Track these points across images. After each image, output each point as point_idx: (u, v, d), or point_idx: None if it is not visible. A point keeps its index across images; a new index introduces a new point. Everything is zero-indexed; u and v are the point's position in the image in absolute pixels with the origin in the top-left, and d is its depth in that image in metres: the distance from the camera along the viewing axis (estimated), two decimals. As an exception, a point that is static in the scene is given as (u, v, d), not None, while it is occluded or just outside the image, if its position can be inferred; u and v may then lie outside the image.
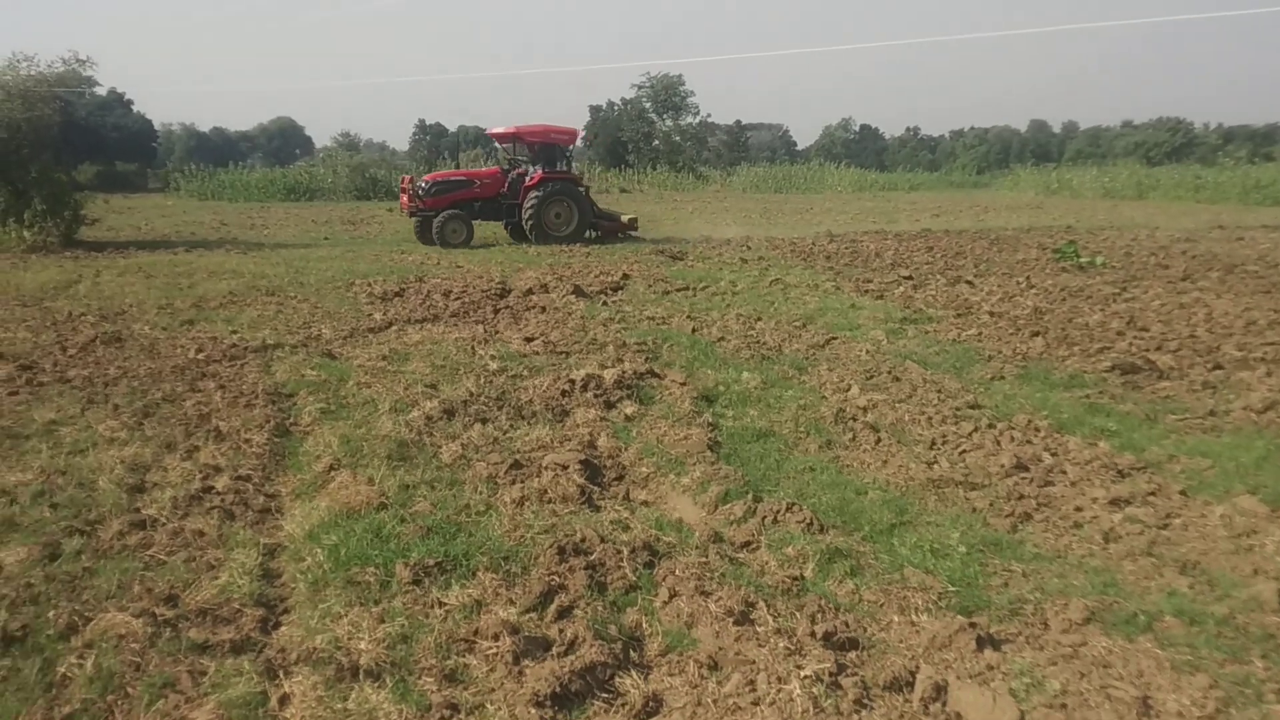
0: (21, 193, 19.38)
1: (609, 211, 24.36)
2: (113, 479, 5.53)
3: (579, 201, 22.29)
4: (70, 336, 9.81)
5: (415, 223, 22.17)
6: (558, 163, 22.69)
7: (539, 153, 22.54)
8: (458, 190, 21.93)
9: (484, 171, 23.48)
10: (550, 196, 21.70)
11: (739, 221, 30.48)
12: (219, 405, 7.21)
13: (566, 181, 22.36)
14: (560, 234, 21.84)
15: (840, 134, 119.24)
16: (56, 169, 20.44)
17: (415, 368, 8.50)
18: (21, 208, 19.41)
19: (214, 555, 4.54)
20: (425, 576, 4.20)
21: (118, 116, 76.71)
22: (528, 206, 21.54)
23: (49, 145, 20.31)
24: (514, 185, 22.04)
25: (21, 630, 3.71)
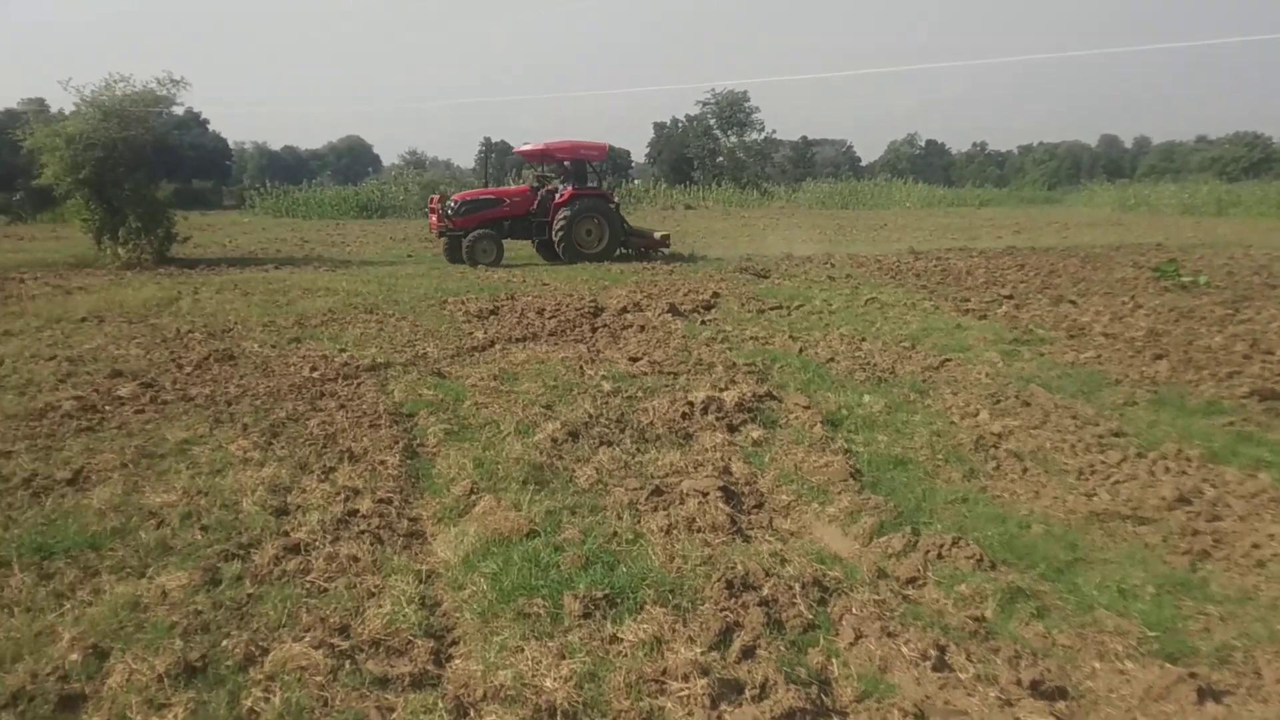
0: (116, 210, 19.84)
1: (640, 229, 24.05)
2: (255, 501, 5.50)
3: (610, 218, 21.93)
4: (183, 354, 9.92)
5: (444, 243, 21.88)
6: (588, 179, 22.43)
7: (569, 170, 22.32)
8: (487, 209, 21.62)
9: (513, 190, 23.25)
10: (581, 214, 21.38)
11: (814, 238, 30.19)
12: (344, 425, 7.19)
13: (597, 198, 22.02)
14: (591, 251, 21.50)
15: (906, 149, 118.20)
16: (149, 187, 20.83)
17: (527, 388, 8.42)
18: (116, 225, 19.88)
19: (371, 582, 4.46)
20: (595, 609, 4.07)
21: (194, 135, 78.68)
22: (558, 224, 21.16)
23: (142, 164, 20.77)
24: (544, 203, 21.74)
25: (201, 661, 3.65)
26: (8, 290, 15.53)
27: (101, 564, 4.63)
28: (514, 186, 24.13)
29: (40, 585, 4.35)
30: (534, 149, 22.52)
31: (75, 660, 3.63)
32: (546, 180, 22.82)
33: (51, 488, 5.70)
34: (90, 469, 6.04)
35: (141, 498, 5.54)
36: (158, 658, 3.63)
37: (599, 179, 23.38)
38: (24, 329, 11.52)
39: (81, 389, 8.22)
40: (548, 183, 22.65)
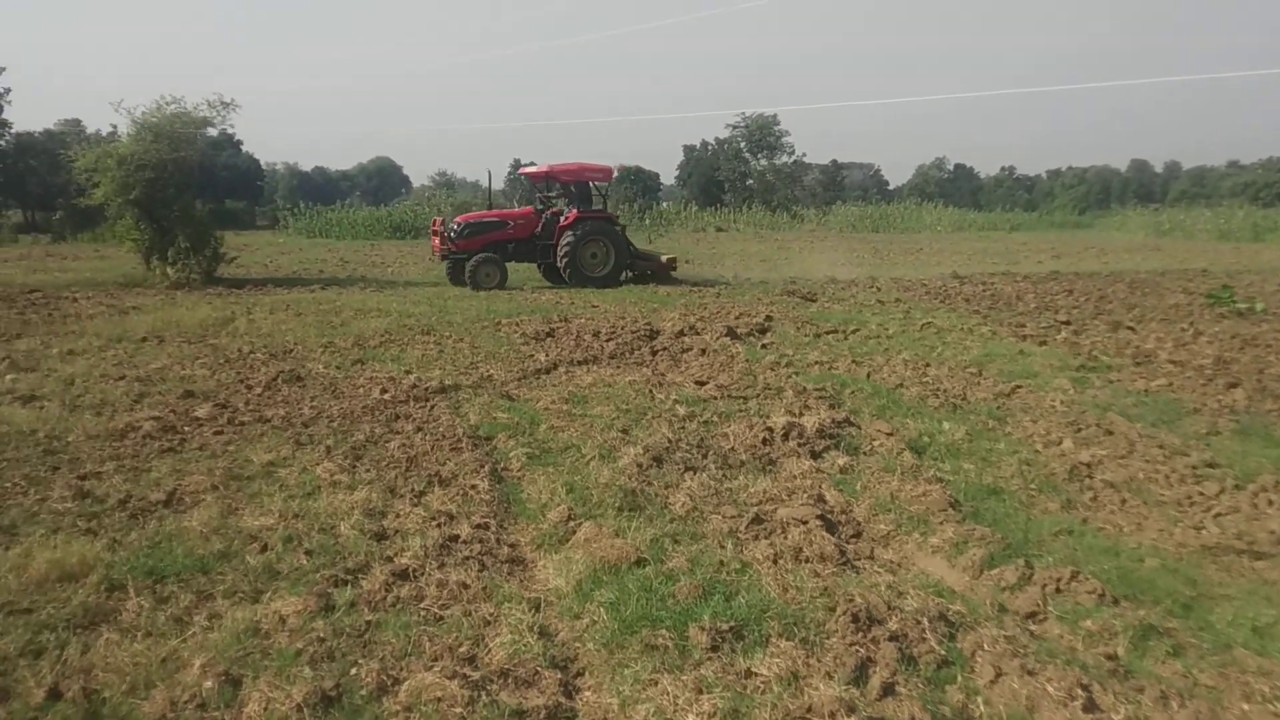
0: (166, 230, 20.03)
1: (647, 251, 23.73)
2: (353, 525, 5.47)
3: (615, 241, 21.53)
4: (250, 375, 9.96)
5: (447, 266, 21.56)
6: (593, 202, 22.05)
7: (575, 192, 21.92)
8: (490, 232, 21.27)
9: (517, 212, 22.74)
10: (586, 237, 21.01)
11: (853, 261, 30.12)
12: (425, 448, 7.17)
13: (603, 221, 21.67)
14: (596, 275, 21.12)
15: (934, 173, 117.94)
16: (197, 208, 21.03)
17: (600, 411, 8.38)
18: (166, 245, 20.05)
19: (486, 610, 4.41)
20: (722, 642, 4.00)
21: (228, 156, 79.55)
22: (563, 247, 20.82)
23: (191, 185, 20.97)
24: (548, 226, 21.41)
25: (336, 690, 3.61)
26: (64, 310, 15.68)
27: (213, 588, 4.61)
28: (518, 209, 23.51)
29: (158, 609, 4.33)
30: (538, 170, 22.23)
31: (210, 688, 3.60)
32: (551, 203, 22.51)
33: (148, 509, 5.70)
34: (182, 490, 6.03)
35: (239, 520, 5.53)
36: (293, 687, 3.59)
37: (604, 201, 23.00)
38: (87, 348, 11.60)
39: (158, 410, 8.25)
40: (552, 205, 22.34)
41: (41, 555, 4.76)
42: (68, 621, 4.18)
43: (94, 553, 4.87)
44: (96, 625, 4.19)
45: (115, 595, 4.48)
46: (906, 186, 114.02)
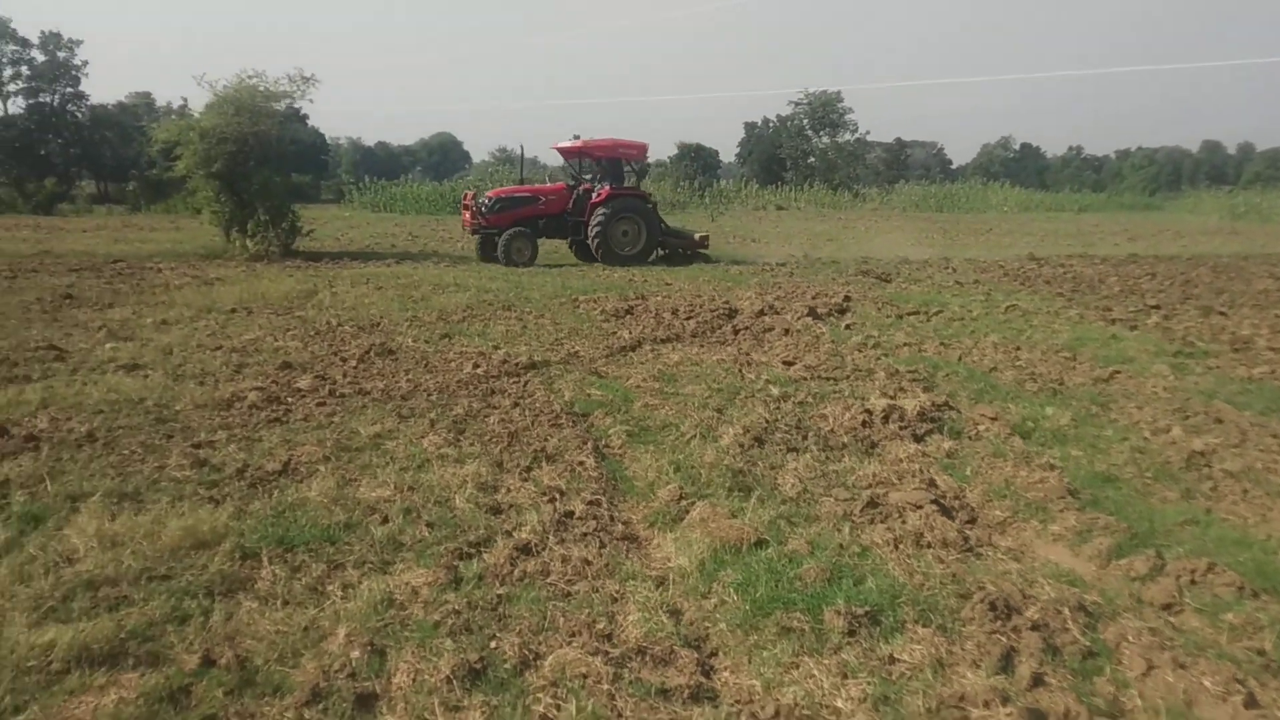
0: (246, 203, 20.35)
1: (679, 229, 23.43)
2: (467, 499, 5.51)
3: (647, 219, 21.31)
4: (342, 347, 10.08)
5: (477, 241, 21.45)
6: (626, 179, 21.82)
7: (607, 168, 21.65)
8: (522, 207, 21.10)
9: (549, 187, 22.59)
10: (618, 214, 20.83)
11: (922, 241, 29.69)
12: (525, 423, 7.19)
13: (635, 198, 21.45)
14: (627, 253, 20.96)
15: (999, 152, 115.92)
16: (276, 181, 21.32)
17: (692, 390, 8.35)
18: (245, 218, 20.38)
19: (611, 587, 4.42)
20: (859, 626, 3.96)
21: (294, 131, 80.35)
22: (594, 224, 20.63)
23: (270, 158, 21.27)
24: (579, 202, 21.23)
25: (480, 662, 3.63)
26: (150, 280, 16.02)
27: (342, 558, 4.66)
28: (549, 184, 23.21)
29: (293, 579, 4.39)
30: (571, 146, 21.91)
31: (357, 658, 3.64)
32: (583, 179, 22.29)
33: (266, 479, 5.79)
34: (296, 460, 6.12)
35: (356, 491, 5.59)
36: (439, 659, 3.62)
37: (637, 179, 22.73)
38: (179, 319, 11.83)
39: (259, 380, 8.38)
40: (584, 181, 22.13)
41: (173, 523, 4.85)
42: (206, 589, 4.25)
43: (223, 521, 4.95)
44: (234, 593, 4.26)
45: (248, 563, 4.56)
46: (970, 166, 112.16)
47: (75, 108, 56.96)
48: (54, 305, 12.69)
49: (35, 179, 50.11)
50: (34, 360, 9.07)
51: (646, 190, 24.12)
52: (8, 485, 5.54)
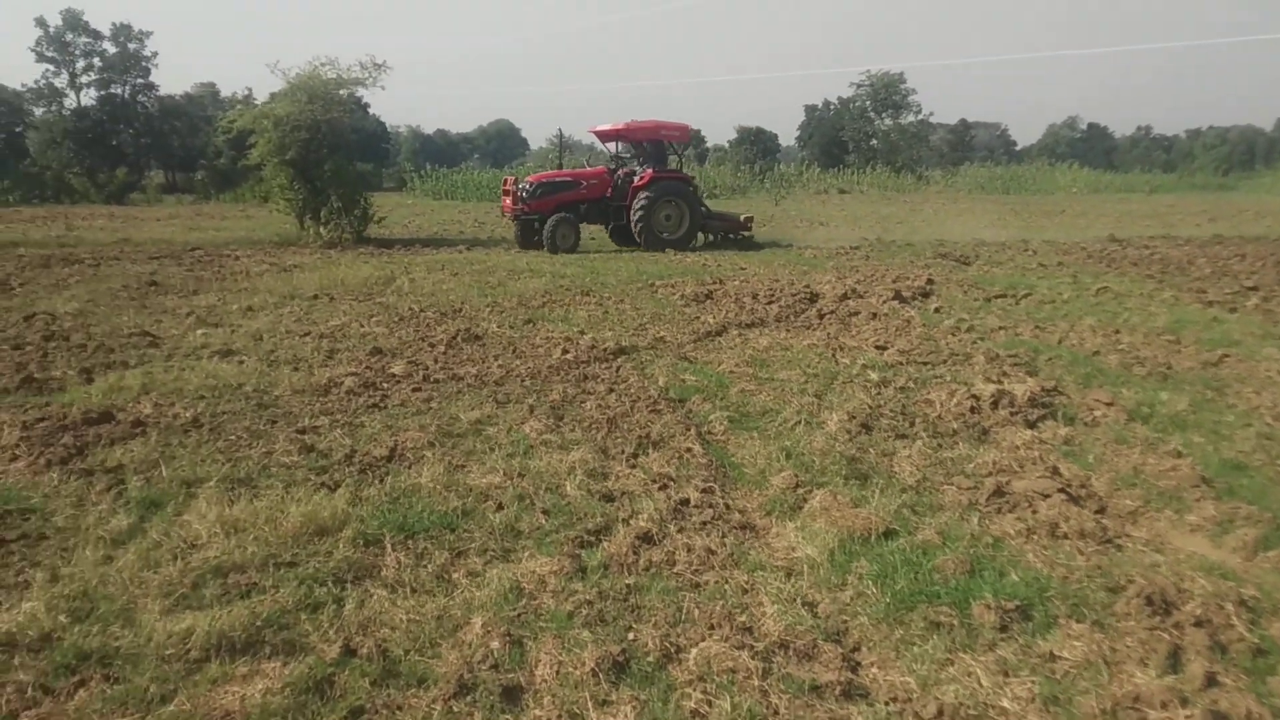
0: (319, 191, 20.51)
1: (723, 212, 22.82)
2: (578, 485, 5.41)
3: (690, 203, 20.71)
4: (428, 333, 10.07)
5: (516, 226, 20.93)
6: (668, 161, 21.17)
7: (649, 151, 21.05)
8: (563, 192, 20.53)
9: (589, 171, 21.92)
10: (660, 197, 20.21)
11: (994, 223, 29.03)
12: (622, 409, 7.08)
13: (678, 181, 20.80)
14: (670, 238, 20.36)
15: (1066, 133, 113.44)
16: (348, 168, 21.46)
17: (787, 375, 8.18)
18: (318, 205, 20.55)
19: (740, 578, 4.28)
20: (1011, 621, 3.78)
21: (356, 119, 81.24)
22: (637, 208, 19.95)
23: (342, 145, 21.41)
24: (620, 186, 20.71)
25: (622, 654, 3.53)
26: (230, 267, 16.21)
27: (464, 545, 4.59)
28: (589, 168, 22.49)
29: (418, 566, 4.33)
30: (609, 129, 21.28)
31: (498, 649, 3.55)
32: (623, 162, 21.75)
33: (374, 464, 5.75)
34: (402, 446, 6.07)
35: (466, 478, 5.53)
36: (583, 651, 3.52)
37: (680, 161, 22.10)
38: (264, 305, 11.92)
39: (353, 366, 8.39)
40: (624, 164, 21.56)
41: (293, 509, 4.81)
42: (334, 576, 4.20)
43: (340, 507, 4.90)
44: (360, 580, 4.20)
45: (370, 550, 4.50)
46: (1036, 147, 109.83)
47: (146, 98, 58.02)
48: (141, 292, 12.87)
49: (107, 169, 51.28)
50: (129, 346, 9.18)
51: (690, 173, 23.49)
52: (122, 470, 5.57)
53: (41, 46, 54.49)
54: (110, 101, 56.30)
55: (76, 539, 4.59)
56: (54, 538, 4.63)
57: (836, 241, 22.51)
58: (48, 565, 4.31)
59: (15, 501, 5.04)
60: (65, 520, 4.84)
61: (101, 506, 4.99)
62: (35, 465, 5.63)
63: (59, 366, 8.27)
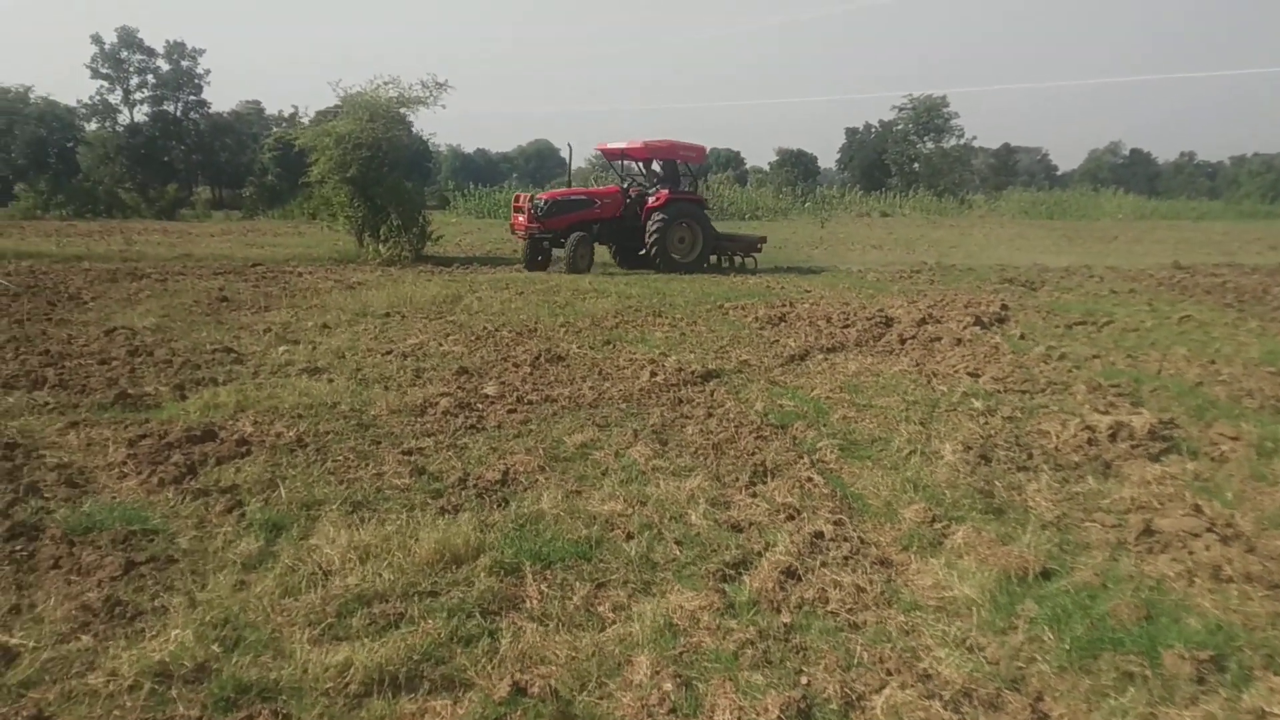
0: (379, 209, 20.56)
1: (732, 234, 22.31)
2: (703, 515, 5.25)
3: (704, 225, 20.21)
4: (509, 353, 9.97)
5: (525, 245, 20.13)
6: (681, 182, 20.58)
7: (660, 171, 20.49)
8: (578, 210, 19.93)
9: (603, 190, 21.22)
10: (675, 219, 19.65)
11: (1050, 249, 28.64)
12: (725, 434, 6.90)
13: (692, 203, 20.28)
14: (683, 260, 19.82)
15: (1108, 158, 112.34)
16: (406, 186, 21.51)
17: (886, 402, 7.97)
18: (378, 222, 20.60)
19: (897, 618, 4.09)
20: (1207, 673, 3.56)
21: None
22: (653, 229, 19.36)
23: (401, 163, 21.47)
24: (631, 206, 20.21)
25: (804, 701, 3.34)
26: (294, 283, 16.23)
27: (602, 576, 4.43)
28: (601, 187, 22.01)
29: (564, 598, 4.17)
30: (614, 148, 20.72)
31: (672, 692, 3.38)
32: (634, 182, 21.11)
33: (488, 489, 5.61)
34: (513, 470, 5.93)
35: (587, 504, 5.37)
36: (764, 696, 3.35)
37: (694, 182, 21.50)
38: (337, 322, 11.89)
39: (443, 386, 8.28)
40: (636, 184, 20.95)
41: (423, 535, 4.68)
42: (480, 607, 4.05)
43: (468, 534, 4.75)
44: (505, 612, 4.06)
45: (509, 580, 4.35)
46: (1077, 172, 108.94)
47: (198, 115, 58.84)
48: (213, 308, 12.89)
49: (158, 184, 51.98)
50: (214, 362, 9.14)
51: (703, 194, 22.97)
52: (237, 491, 5.47)
53: (97, 63, 55.48)
54: (162, 118, 57.15)
55: (206, 562, 4.49)
56: (183, 560, 4.52)
57: (893, 265, 22.28)
58: (182, 590, 4.20)
59: (137, 522, 4.95)
60: (190, 542, 4.74)
61: (225, 529, 4.88)
62: (148, 484, 5.55)
63: (149, 382, 8.22)
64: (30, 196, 43.07)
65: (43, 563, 4.45)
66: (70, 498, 5.35)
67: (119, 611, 3.96)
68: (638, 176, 21.61)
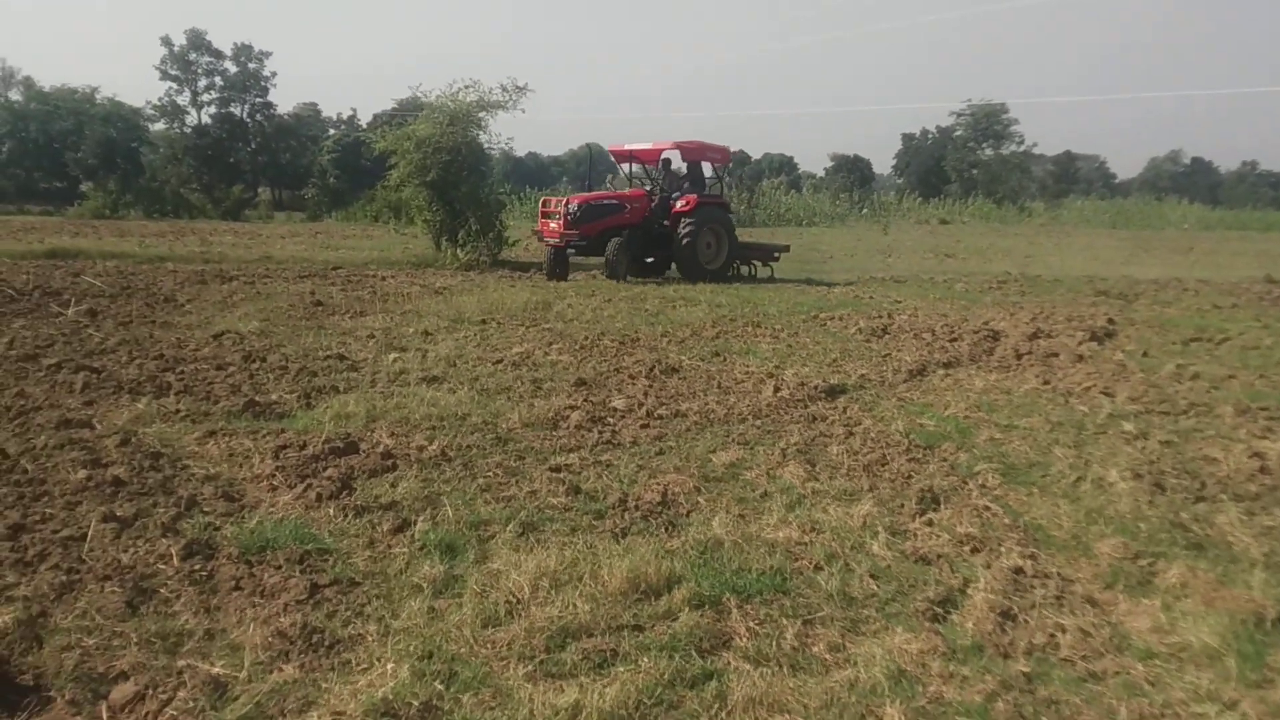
0: (458, 213, 20.51)
1: (753, 242, 21.45)
2: (884, 545, 4.99)
3: (730, 231, 19.35)
4: (617, 363, 9.80)
5: (549, 253, 19.25)
6: (708, 185, 19.67)
7: (689, 173, 19.53)
8: (612, 215, 18.84)
9: (631, 194, 19.88)
10: (704, 224, 18.70)
11: (1126, 260, 28.02)
12: (873, 455, 6.62)
13: (718, 207, 19.41)
14: (710, 267, 18.92)
15: (1168, 167, 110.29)
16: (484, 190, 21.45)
17: (1029, 423, 7.66)
18: (456, 227, 20.55)
19: (1138, 668, 3.80)
20: None
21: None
22: (684, 234, 18.36)
23: (479, 167, 21.41)
24: (655, 211, 19.17)
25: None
26: (381, 288, 16.19)
27: (807, 614, 4.18)
28: (628, 190, 20.38)
29: (775, 637, 3.93)
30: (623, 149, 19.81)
31: (937, 749, 3.14)
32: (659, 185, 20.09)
33: (652, 511, 5.40)
34: (670, 492, 5.71)
35: (760, 530, 5.14)
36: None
37: (721, 185, 20.58)
38: (436, 328, 11.78)
39: (567, 398, 8.09)
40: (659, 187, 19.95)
41: (617, 563, 4.46)
42: (693, 645, 3.83)
43: (651, 561, 4.52)
44: (718, 651, 3.83)
45: (710, 614, 4.12)
46: (1137, 180, 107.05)
47: (263, 117, 59.48)
48: (309, 312, 12.85)
49: (224, 186, 52.65)
50: (330, 370, 9.03)
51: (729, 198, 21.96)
52: (398, 508, 5.31)
53: (166, 65, 56.28)
54: (229, 120, 57.83)
55: (391, 586, 4.32)
56: (366, 584, 4.36)
57: (974, 274, 21.78)
58: (374, 616, 4.03)
59: (309, 540, 4.79)
60: (366, 563, 4.58)
61: (399, 550, 4.71)
62: (305, 499, 5.41)
63: (271, 389, 8.13)
64: (99, 196, 43.76)
65: (224, 584, 4.30)
66: (230, 512, 5.22)
67: (316, 640, 3.79)
68: (645, 179, 20.57)
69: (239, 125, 58.52)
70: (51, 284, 14.46)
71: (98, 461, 5.89)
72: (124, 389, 7.91)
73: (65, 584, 4.20)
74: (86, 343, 9.85)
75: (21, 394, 7.54)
